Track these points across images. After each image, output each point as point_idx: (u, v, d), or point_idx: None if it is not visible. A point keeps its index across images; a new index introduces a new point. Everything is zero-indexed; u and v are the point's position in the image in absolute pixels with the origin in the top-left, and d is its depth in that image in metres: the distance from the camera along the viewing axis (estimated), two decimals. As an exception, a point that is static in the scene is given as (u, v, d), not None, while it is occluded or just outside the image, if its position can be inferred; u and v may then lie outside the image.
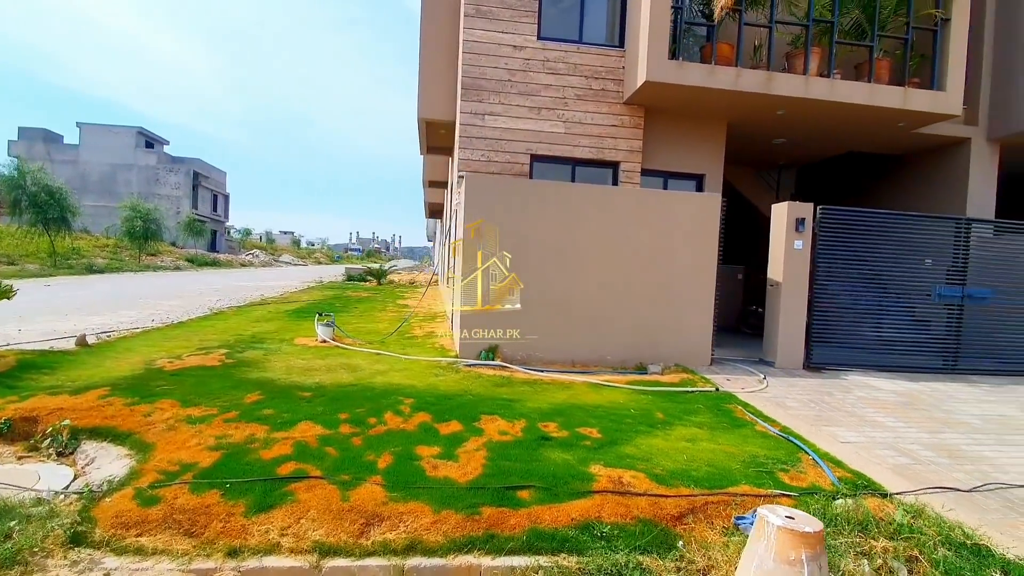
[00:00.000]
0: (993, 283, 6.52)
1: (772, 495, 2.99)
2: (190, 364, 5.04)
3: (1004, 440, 4.22)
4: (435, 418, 3.86)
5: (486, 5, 7.19)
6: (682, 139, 7.84)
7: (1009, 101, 8.09)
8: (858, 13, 7.24)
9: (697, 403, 4.66)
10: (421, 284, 20.83)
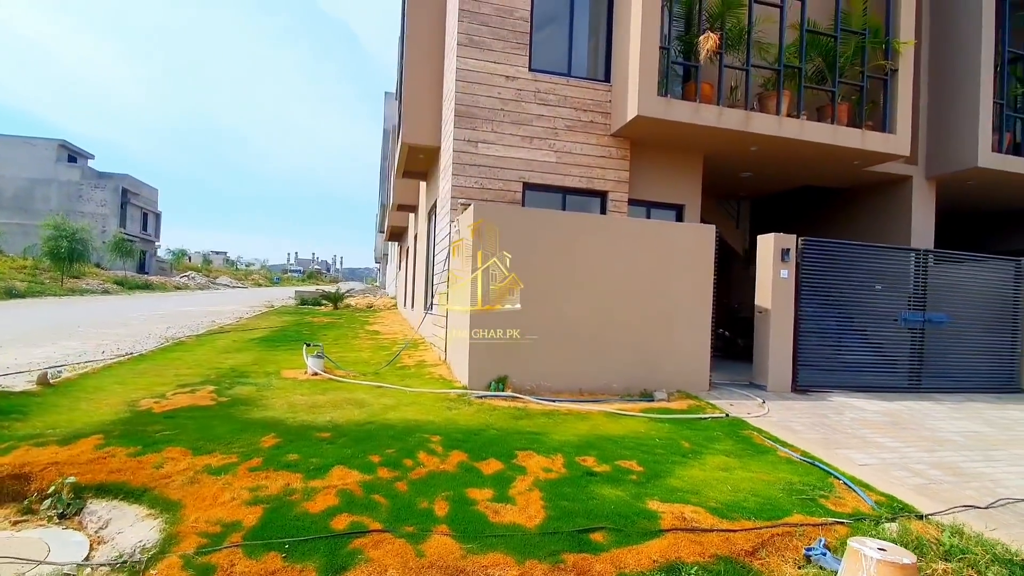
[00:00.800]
0: (947, 309, 7.16)
1: (827, 523, 3.08)
2: (180, 404, 4.62)
3: (990, 456, 4.59)
4: (471, 456, 3.73)
5: (479, 35, 7.26)
6: (663, 171, 8.17)
7: (943, 143, 9.04)
8: (820, 61, 7.89)
9: (714, 430, 4.77)
10: (380, 308, 20.28)
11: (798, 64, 7.64)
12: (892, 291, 7.04)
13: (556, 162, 7.53)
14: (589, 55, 7.90)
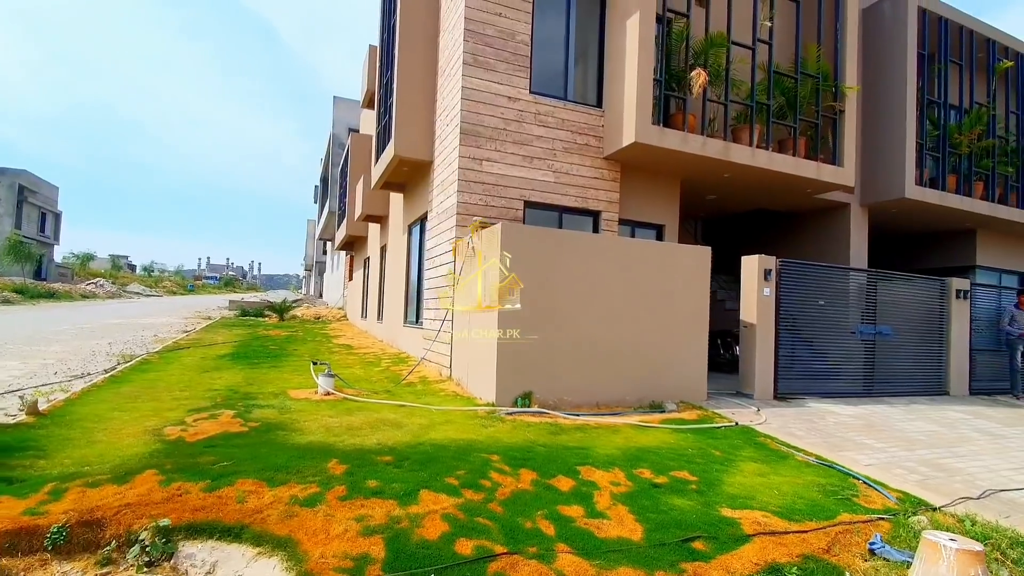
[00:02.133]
0: (890, 322, 8.18)
1: (872, 520, 3.53)
2: (211, 432, 4.35)
3: (954, 453, 5.36)
4: (540, 474, 3.86)
5: (483, 56, 7.41)
6: (647, 193, 8.70)
7: (875, 176, 10.31)
8: (783, 99, 8.78)
9: (732, 438, 5.20)
10: (330, 320, 19.53)
11: (766, 101, 8.46)
12: (849, 307, 7.95)
13: (554, 182, 7.81)
14: (583, 81, 8.28)
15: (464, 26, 7.33)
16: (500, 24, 7.54)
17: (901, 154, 9.93)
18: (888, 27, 10.24)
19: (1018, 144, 11.46)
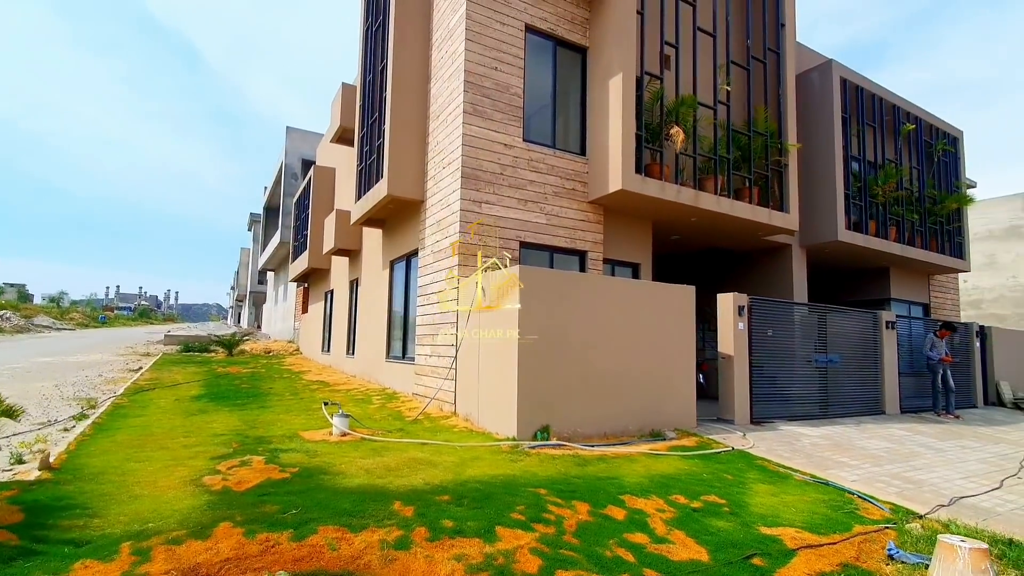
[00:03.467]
0: (837, 351, 9.25)
1: (881, 529, 4.11)
2: (256, 480, 4.27)
3: (913, 466, 6.20)
4: (593, 505, 4.14)
5: (481, 106, 7.85)
6: (625, 234, 9.38)
7: (812, 220, 11.67)
8: (739, 154, 9.86)
9: (734, 463, 5.73)
10: (283, 354, 18.73)
11: (726, 155, 9.49)
12: (806, 338, 8.92)
13: (546, 223, 8.29)
14: (567, 131, 8.91)
15: (464, 78, 7.75)
16: (496, 77, 8.05)
17: (833, 203, 11.36)
18: (817, 94, 11.81)
19: (920, 194, 13.41)
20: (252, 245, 44.08)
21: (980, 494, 5.25)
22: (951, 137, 14.60)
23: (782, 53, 10.49)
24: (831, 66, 11.75)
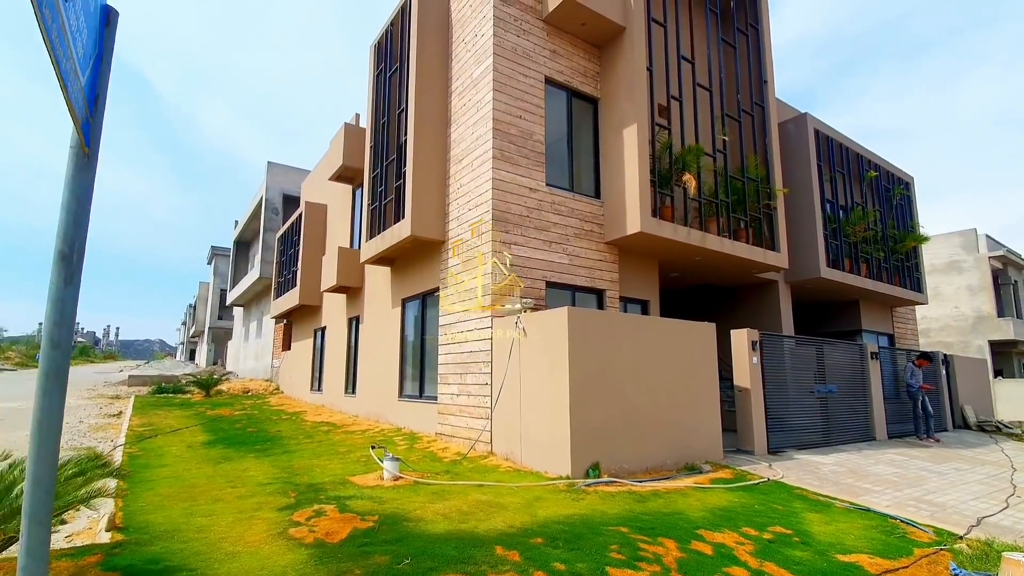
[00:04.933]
0: (834, 381, 9.87)
1: (936, 551, 4.46)
2: (343, 529, 4.22)
3: (927, 490, 6.68)
4: (679, 542, 4.32)
5: (508, 152, 8.21)
6: (635, 272, 9.83)
7: (796, 259, 12.52)
8: (735, 197, 10.60)
9: (775, 493, 6.04)
10: (263, 393, 18.03)
11: (726, 199, 10.19)
12: (807, 370, 9.50)
13: (568, 264, 8.62)
14: (583, 176, 9.37)
15: (492, 125, 8.11)
16: (521, 125, 8.45)
17: (814, 242, 12.27)
18: (794, 143, 12.87)
19: (883, 234, 14.64)
20: (212, 279, 42.47)
21: (995, 514, 5.74)
22: (904, 182, 16.10)
23: (766, 106, 11.45)
24: (806, 118, 12.88)
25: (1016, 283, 24.82)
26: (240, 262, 28.77)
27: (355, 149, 12.73)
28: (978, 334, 22.99)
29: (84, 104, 1.69)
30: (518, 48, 8.60)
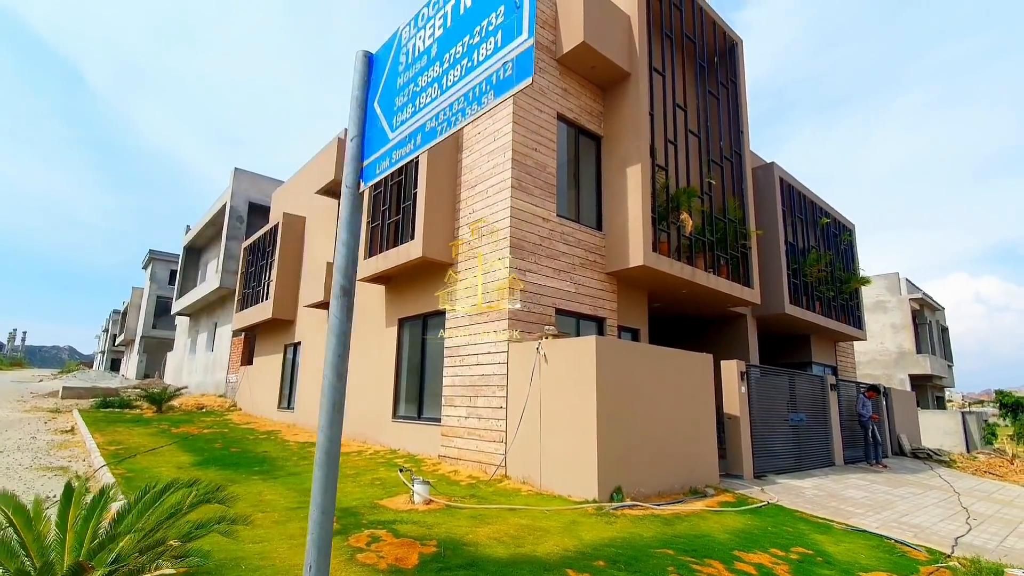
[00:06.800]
0: (802, 410, 10.71)
1: (937, 569, 5.04)
2: (413, 556, 4.21)
3: (900, 512, 7.42)
4: (725, 564, 4.65)
5: (525, 182, 8.53)
6: (628, 302, 10.33)
7: (763, 295, 13.53)
8: (718, 236, 11.42)
9: (778, 516, 6.53)
10: (219, 410, 17.05)
11: (711, 237, 10.96)
12: (782, 399, 10.27)
13: (574, 292, 8.97)
14: (586, 208, 9.83)
15: (511, 156, 8.42)
16: (536, 157, 8.81)
17: (780, 281, 13.34)
18: (763, 188, 14.02)
19: (832, 275, 16.09)
20: (148, 285, 39.76)
21: (965, 534, 6.50)
22: (848, 228, 17.80)
23: (742, 154, 12.47)
24: (773, 167, 14.10)
25: (930, 323, 27.71)
26: (189, 269, 27.19)
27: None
28: (900, 368, 25.40)
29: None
30: (535, 84, 9.00)
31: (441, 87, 1.56)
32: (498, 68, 1.35)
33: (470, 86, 1.45)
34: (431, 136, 1.59)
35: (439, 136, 1.57)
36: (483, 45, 1.42)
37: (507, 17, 1.36)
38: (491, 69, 1.37)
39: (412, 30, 1.72)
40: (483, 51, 1.42)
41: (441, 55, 1.57)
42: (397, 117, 1.73)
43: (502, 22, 1.37)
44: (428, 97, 1.61)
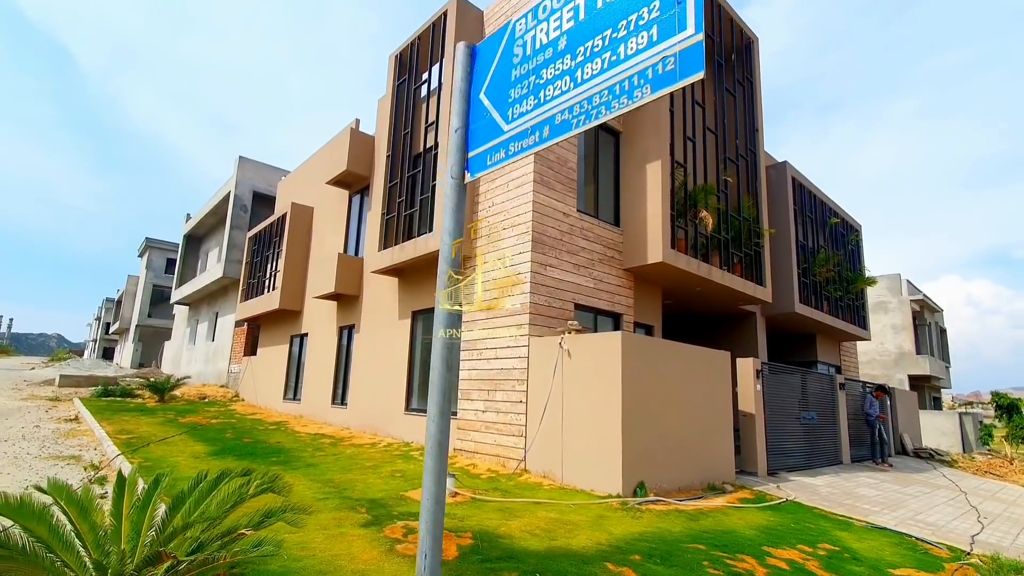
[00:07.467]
0: (813, 409, 10.78)
1: (961, 566, 5.09)
2: (452, 549, 4.23)
3: (915, 510, 7.49)
4: (755, 558, 4.67)
5: (547, 176, 8.50)
6: (644, 299, 10.33)
7: (774, 293, 13.57)
8: (732, 234, 11.43)
9: (798, 512, 6.58)
10: (222, 399, 16.97)
11: (726, 235, 10.97)
12: (794, 398, 10.32)
13: (593, 287, 8.96)
14: (604, 204, 9.80)
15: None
16: (556, 152, 8.77)
17: (790, 280, 13.39)
18: (775, 188, 14.04)
19: (839, 275, 16.16)
20: (144, 273, 39.44)
21: (979, 532, 6.57)
22: (855, 229, 17.87)
23: (757, 153, 12.47)
24: (785, 166, 14.11)
25: (930, 324, 27.94)
26: (189, 258, 26.99)
27: (360, 155, 12.54)
28: (899, 368, 25.62)
29: None
30: (557, 78, 8.94)
31: (575, 80, 1.54)
32: (655, 63, 1.32)
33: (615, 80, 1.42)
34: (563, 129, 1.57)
35: (574, 129, 1.55)
36: (632, 40, 1.39)
37: (664, 11, 1.33)
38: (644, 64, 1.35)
39: (530, 22, 1.69)
40: (632, 45, 1.40)
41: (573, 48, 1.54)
42: (513, 109, 1.70)
43: (657, 16, 1.34)
44: (556, 90, 1.58)
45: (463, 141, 1.86)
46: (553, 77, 1.60)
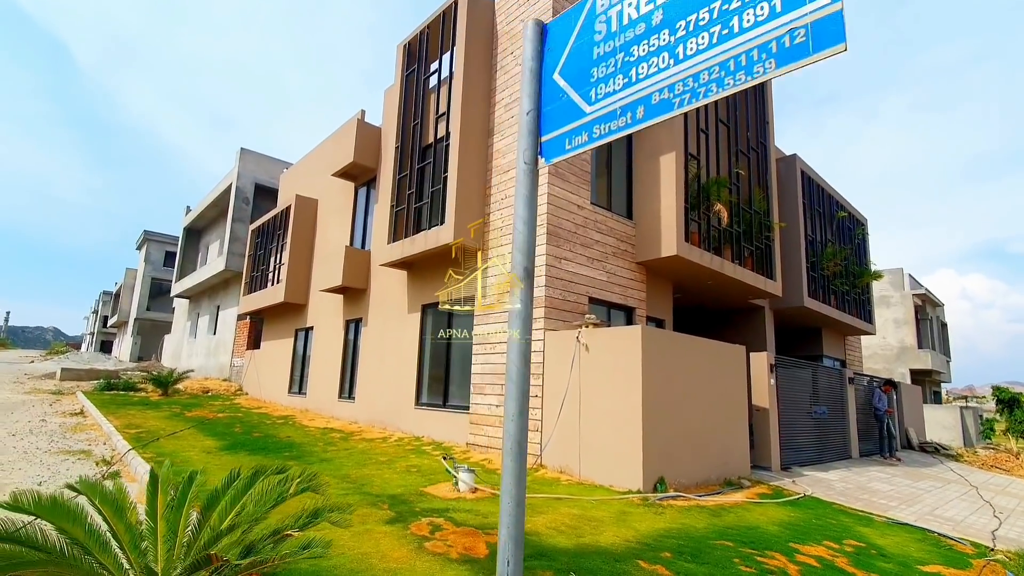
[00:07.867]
0: (824, 404, 10.76)
1: (988, 562, 5.07)
2: (483, 547, 4.17)
3: (931, 505, 7.48)
4: (785, 555, 4.63)
5: (561, 168, 8.39)
6: (655, 292, 10.26)
7: (783, 287, 13.52)
8: (744, 228, 11.35)
9: (818, 508, 6.54)
10: (226, 393, 16.89)
11: (738, 228, 10.89)
12: (806, 392, 10.29)
13: (606, 281, 8.88)
14: (617, 197, 9.70)
15: (547, 141, 8.25)
16: (571, 143, 8.65)
17: (800, 274, 13.33)
18: (785, 181, 13.95)
19: (846, 269, 16.12)
20: (143, 266, 39.17)
21: (999, 527, 6.56)
22: (861, 223, 17.81)
23: (768, 145, 12.38)
24: (795, 159, 14.02)
25: (932, 319, 27.99)
26: (189, 251, 26.78)
27: (367, 147, 12.38)
28: (901, 363, 25.68)
29: None
30: (571, 68, 8.81)
31: (675, 56, 1.44)
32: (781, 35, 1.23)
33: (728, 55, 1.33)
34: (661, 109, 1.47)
35: (676, 109, 1.46)
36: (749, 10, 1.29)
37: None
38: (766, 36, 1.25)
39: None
40: (749, 17, 1.30)
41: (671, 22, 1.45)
42: (598, 89, 1.61)
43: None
44: (652, 67, 1.48)
45: (535, 124, 1.76)
46: (647, 54, 1.51)
